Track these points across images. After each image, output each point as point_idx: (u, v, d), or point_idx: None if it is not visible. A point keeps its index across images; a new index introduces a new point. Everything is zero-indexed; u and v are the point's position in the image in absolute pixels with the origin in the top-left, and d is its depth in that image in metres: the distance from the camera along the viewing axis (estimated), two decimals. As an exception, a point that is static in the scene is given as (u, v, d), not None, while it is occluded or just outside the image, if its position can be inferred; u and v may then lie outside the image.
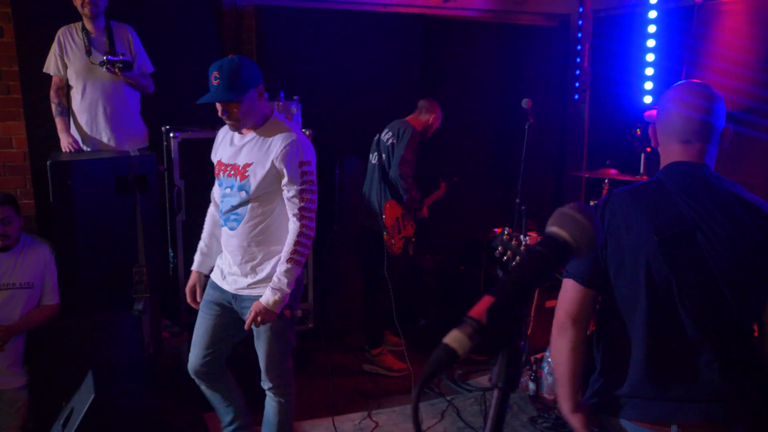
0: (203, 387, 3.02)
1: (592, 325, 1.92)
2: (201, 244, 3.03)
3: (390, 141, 4.26)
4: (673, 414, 1.70)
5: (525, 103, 4.14)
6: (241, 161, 2.76)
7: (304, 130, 4.26)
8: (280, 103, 4.33)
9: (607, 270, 1.79)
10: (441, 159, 4.75)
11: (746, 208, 1.71)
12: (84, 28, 3.86)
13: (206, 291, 2.96)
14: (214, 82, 2.63)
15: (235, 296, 2.85)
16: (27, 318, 3.25)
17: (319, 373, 4.20)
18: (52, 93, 3.92)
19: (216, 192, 2.99)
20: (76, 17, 3.90)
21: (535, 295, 4.02)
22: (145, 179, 3.65)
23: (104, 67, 3.75)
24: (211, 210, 3.04)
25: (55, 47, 3.86)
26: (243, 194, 2.74)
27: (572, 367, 1.81)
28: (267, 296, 2.70)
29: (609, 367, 1.83)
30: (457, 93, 5.38)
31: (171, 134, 3.93)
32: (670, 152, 1.83)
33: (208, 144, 3.03)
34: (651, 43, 4.89)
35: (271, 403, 2.98)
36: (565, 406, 1.84)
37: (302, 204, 2.74)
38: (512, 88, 5.30)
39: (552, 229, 1.19)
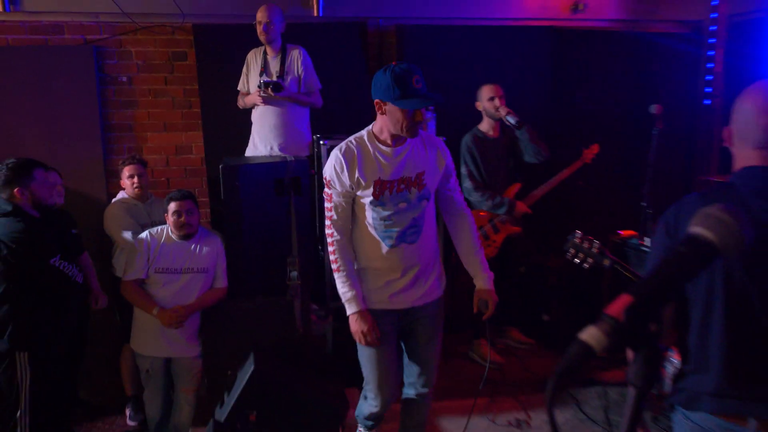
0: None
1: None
2: (351, 282, 2.69)
3: None
4: (752, 410, 1.64)
5: (654, 108, 4.19)
6: (411, 172, 2.60)
7: (440, 136, 4.54)
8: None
9: None
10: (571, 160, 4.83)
11: None
12: (264, 52, 4.42)
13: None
14: (417, 86, 2.43)
15: (409, 310, 2.75)
16: (202, 298, 3.63)
17: (445, 361, 4.36)
18: (238, 100, 4.54)
19: (346, 220, 2.71)
20: (256, 43, 4.41)
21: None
22: (299, 182, 3.91)
23: (261, 88, 4.21)
24: (344, 244, 2.70)
25: (244, 67, 4.46)
26: (424, 203, 2.65)
27: None
28: (488, 281, 2.79)
29: (691, 368, 1.75)
30: (586, 103, 5.40)
31: (320, 142, 4.20)
32: (745, 156, 1.72)
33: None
34: (791, 47, 4.72)
35: (424, 409, 3.00)
36: None
37: (462, 195, 2.88)
38: (641, 95, 5.28)
39: (696, 229, 1.15)
